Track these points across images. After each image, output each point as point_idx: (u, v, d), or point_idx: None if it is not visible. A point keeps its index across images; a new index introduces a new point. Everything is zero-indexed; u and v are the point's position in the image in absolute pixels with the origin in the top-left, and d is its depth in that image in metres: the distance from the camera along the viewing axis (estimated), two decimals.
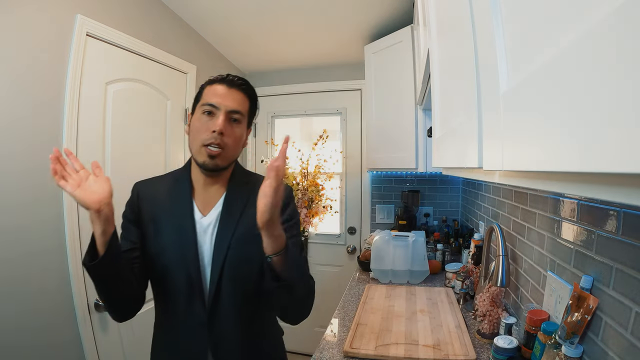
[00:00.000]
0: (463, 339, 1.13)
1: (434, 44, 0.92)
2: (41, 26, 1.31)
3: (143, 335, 1.77)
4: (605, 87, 0.17)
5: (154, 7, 1.85)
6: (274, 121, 2.85)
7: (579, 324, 0.74)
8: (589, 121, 0.18)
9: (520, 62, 0.31)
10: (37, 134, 1.31)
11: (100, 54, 1.55)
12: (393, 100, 2.05)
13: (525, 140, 0.29)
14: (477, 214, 1.89)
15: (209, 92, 0.94)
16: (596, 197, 0.22)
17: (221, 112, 0.90)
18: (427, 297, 1.51)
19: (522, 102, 0.29)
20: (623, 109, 0.15)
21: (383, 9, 1.96)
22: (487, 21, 0.38)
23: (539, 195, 1.06)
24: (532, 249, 1.10)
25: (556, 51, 0.23)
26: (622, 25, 0.15)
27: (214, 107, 0.90)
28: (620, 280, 0.66)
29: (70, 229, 1.42)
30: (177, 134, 2.06)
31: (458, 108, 0.60)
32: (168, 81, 1.98)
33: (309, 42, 2.36)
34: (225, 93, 0.93)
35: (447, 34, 0.72)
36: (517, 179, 0.37)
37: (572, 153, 0.21)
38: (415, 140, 1.89)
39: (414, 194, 2.38)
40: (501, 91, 0.35)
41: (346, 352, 1.08)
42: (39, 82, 1.32)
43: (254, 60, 2.64)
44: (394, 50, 2.02)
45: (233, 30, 2.21)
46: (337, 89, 2.69)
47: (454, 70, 0.64)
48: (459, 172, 0.73)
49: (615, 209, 0.68)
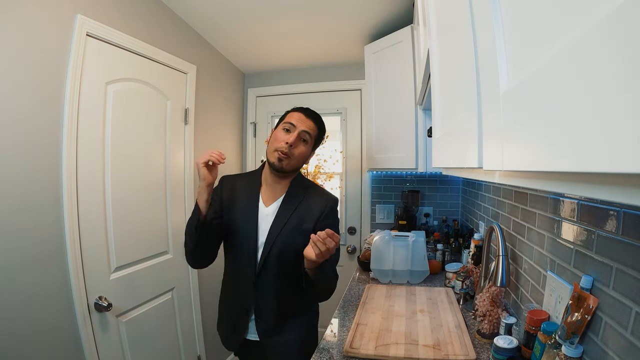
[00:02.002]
0: (463, 339, 1.13)
1: (434, 44, 0.92)
2: (41, 26, 1.31)
3: (143, 335, 1.77)
4: (605, 86, 0.17)
5: (154, 7, 1.85)
6: (274, 121, 2.84)
7: (579, 324, 0.74)
8: (589, 121, 0.18)
9: (520, 62, 0.31)
10: (37, 134, 1.31)
11: (100, 54, 1.55)
12: (393, 100, 2.05)
13: (525, 140, 0.29)
14: (477, 214, 1.89)
15: (292, 116, 1.26)
16: (596, 197, 0.22)
17: (296, 130, 1.22)
18: (427, 297, 1.51)
19: (522, 102, 0.29)
20: (623, 108, 0.15)
21: (383, 9, 1.96)
22: (487, 21, 0.38)
23: (539, 195, 1.06)
24: (532, 249, 1.10)
25: (556, 51, 0.23)
26: (622, 25, 0.15)
27: (292, 125, 1.23)
28: (620, 280, 0.66)
29: (70, 229, 1.42)
30: (177, 133, 2.07)
31: (458, 108, 0.60)
32: (168, 81, 1.98)
33: (309, 42, 2.36)
34: (302, 119, 1.25)
35: (447, 34, 0.72)
36: (517, 179, 0.37)
37: (572, 153, 0.21)
38: (415, 140, 1.89)
39: (414, 194, 2.38)
40: (501, 91, 0.35)
41: (346, 352, 1.08)
42: (39, 82, 1.32)
43: (254, 60, 2.64)
44: (394, 50, 2.02)
45: (233, 30, 2.21)
46: (337, 89, 2.69)
47: (454, 70, 0.63)
48: (459, 172, 0.73)
49: (615, 209, 0.68)
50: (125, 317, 1.67)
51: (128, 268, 1.70)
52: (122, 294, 1.65)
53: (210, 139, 2.43)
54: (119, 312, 1.63)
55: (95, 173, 1.55)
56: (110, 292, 1.58)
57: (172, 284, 2.00)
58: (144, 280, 1.79)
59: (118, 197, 1.65)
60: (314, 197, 1.28)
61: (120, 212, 1.66)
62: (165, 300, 1.95)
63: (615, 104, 0.16)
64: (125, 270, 1.68)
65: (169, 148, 1.99)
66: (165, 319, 1.94)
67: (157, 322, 1.87)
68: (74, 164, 1.45)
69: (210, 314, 2.35)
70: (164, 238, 1.96)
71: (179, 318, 2.05)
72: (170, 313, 1.99)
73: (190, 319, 2.15)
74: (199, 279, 2.23)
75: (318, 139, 1.31)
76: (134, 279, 1.73)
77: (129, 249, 1.71)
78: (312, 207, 1.25)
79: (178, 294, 2.05)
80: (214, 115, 2.46)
